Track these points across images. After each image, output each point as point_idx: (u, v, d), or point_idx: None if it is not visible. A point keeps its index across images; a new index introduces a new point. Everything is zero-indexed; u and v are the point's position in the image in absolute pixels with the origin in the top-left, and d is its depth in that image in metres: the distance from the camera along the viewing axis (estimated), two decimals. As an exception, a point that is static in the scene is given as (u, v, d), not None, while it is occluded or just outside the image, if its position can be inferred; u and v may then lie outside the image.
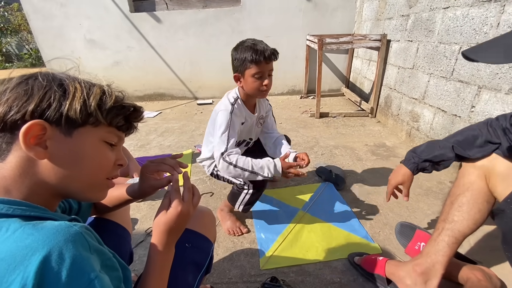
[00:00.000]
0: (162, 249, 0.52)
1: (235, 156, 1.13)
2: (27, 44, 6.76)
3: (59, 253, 0.32)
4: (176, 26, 3.43)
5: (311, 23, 3.41)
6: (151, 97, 3.86)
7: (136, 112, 0.50)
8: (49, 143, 0.40)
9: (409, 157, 0.94)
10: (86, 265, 0.34)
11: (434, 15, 1.84)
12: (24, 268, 0.30)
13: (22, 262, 0.30)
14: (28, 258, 0.30)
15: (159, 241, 0.52)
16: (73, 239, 0.34)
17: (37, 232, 0.33)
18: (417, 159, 0.91)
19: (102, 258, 0.39)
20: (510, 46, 0.44)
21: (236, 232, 1.30)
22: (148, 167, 0.60)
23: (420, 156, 0.90)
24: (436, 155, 0.87)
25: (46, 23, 3.38)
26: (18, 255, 0.30)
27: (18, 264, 0.30)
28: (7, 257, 0.30)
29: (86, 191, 0.46)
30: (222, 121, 1.17)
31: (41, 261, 0.30)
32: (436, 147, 0.88)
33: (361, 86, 3.29)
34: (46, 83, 0.40)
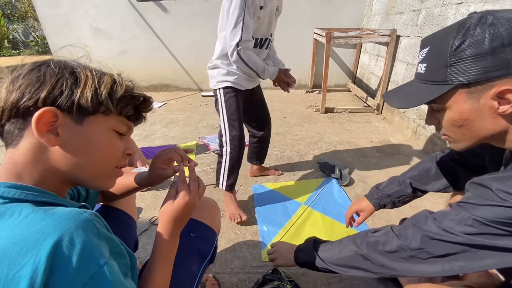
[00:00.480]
0: (168, 238, 0.53)
1: (248, 53, 1.13)
2: (33, 31, 6.76)
3: (70, 239, 0.32)
4: (183, 16, 3.40)
5: (319, 16, 3.35)
6: (156, 87, 3.85)
7: (146, 102, 0.50)
8: (60, 130, 0.40)
9: (373, 192, 0.95)
10: (96, 251, 0.34)
11: (447, 10, 1.80)
12: (36, 252, 0.30)
13: (34, 246, 0.30)
14: (40, 242, 0.31)
15: (165, 230, 0.52)
16: (83, 226, 0.34)
17: (49, 218, 0.33)
18: (380, 194, 0.91)
19: (111, 245, 0.39)
20: (404, 96, 0.59)
21: (236, 218, 1.32)
22: (160, 156, 0.62)
23: (382, 192, 0.91)
24: (396, 191, 0.88)
25: (53, 10, 3.37)
26: (31, 239, 0.31)
27: (30, 248, 0.30)
28: (20, 241, 0.31)
29: (96, 179, 0.47)
30: (236, 3, 1.03)
31: (52, 246, 0.31)
32: (396, 183, 0.90)
33: (368, 82, 3.25)
34: (58, 71, 0.40)
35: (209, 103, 3.30)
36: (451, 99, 0.50)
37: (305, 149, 2.07)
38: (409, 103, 0.56)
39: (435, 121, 0.58)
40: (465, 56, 0.46)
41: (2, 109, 0.39)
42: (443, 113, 0.54)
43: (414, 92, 0.56)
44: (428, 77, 0.53)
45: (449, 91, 0.49)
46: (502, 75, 0.44)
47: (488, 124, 0.49)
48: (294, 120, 2.66)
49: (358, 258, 0.63)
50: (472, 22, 0.46)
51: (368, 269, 0.62)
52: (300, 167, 1.84)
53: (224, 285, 1.03)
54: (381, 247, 0.59)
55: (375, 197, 0.92)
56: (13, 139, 0.40)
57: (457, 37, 0.47)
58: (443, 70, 0.49)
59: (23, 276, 0.29)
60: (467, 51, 0.46)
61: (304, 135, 2.32)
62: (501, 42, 0.43)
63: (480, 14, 0.47)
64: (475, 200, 0.47)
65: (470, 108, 0.49)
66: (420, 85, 0.55)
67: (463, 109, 0.50)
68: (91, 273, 0.33)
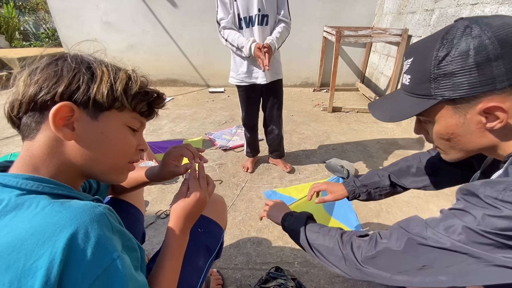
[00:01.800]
0: (179, 234, 0.54)
1: (226, 31, 1.35)
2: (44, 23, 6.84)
3: (85, 232, 0.33)
4: (192, 11, 3.40)
5: (329, 14, 3.32)
6: (163, 82, 3.87)
7: (159, 99, 0.50)
8: (76, 125, 0.41)
9: (350, 181, 0.93)
10: (109, 245, 0.35)
11: (461, 11, 1.76)
12: (53, 243, 0.31)
13: (51, 238, 0.31)
14: (57, 234, 0.32)
15: (177, 225, 0.53)
16: (98, 219, 0.35)
17: (65, 210, 0.34)
18: (357, 183, 0.90)
19: (123, 239, 0.40)
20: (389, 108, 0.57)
21: (244, 167, 1.75)
22: (172, 152, 0.62)
23: (360, 181, 0.90)
24: (374, 182, 0.88)
25: (64, 3, 3.40)
26: (48, 231, 0.32)
27: (47, 239, 0.31)
28: (37, 232, 0.32)
29: (109, 173, 0.47)
30: None
31: (68, 238, 0.31)
32: (375, 175, 0.89)
33: (376, 82, 3.21)
34: (75, 65, 0.41)
35: (216, 99, 3.30)
36: (437, 113, 0.49)
37: (311, 148, 2.07)
38: (394, 117, 0.54)
39: (423, 132, 0.57)
40: (449, 71, 0.44)
41: (19, 102, 0.39)
42: (430, 125, 0.52)
43: (399, 104, 0.55)
44: (412, 90, 0.51)
45: (434, 105, 0.48)
46: (488, 90, 0.42)
47: (476, 138, 0.48)
48: (301, 119, 2.65)
49: (337, 254, 0.61)
50: (456, 33, 0.44)
51: (343, 270, 0.60)
52: (306, 166, 1.83)
53: (228, 280, 1.04)
54: (363, 253, 0.56)
55: (351, 184, 0.91)
56: (30, 132, 0.40)
57: (441, 49, 0.45)
58: (427, 84, 0.47)
59: (39, 266, 0.30)
60: (450, 65, 0.44)
61: (311, 134, 2.31)
62: (487, 57, 0.41)
63: (466, 22, 0.44)
64: (464, 206, 0.45)
65: (456, 123, 0.48)
66: (405, 97, 0.54)
67: (449, 124, 0.49)
68: (104, 266, 0.33)
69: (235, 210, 1.42)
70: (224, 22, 1.32)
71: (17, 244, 0.31)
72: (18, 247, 0.30)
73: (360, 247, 0.57)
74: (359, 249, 0.58)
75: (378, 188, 0.88)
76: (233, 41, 1.34)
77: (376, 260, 0.54)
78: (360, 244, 0.58)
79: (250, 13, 1.33)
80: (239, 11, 1.32)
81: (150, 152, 1.77)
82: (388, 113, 0.56)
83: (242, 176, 1.72)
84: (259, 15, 1.33)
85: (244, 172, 1.75)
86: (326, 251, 0.64)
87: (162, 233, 1.24)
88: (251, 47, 1.32)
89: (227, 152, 2.02)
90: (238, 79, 1.51)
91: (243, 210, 1.42)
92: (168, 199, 1.49)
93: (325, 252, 0.64)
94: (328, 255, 0.63)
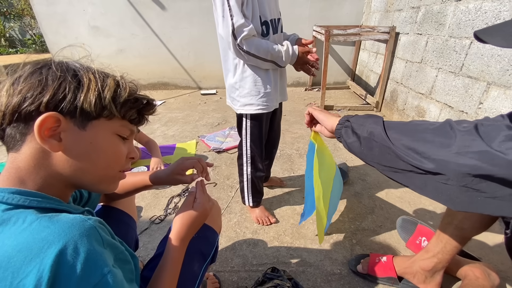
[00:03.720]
0: (182, 241, 0.56)
1: (251, 42, 0.91)
2: (30, 29, 6.71)
3: (74, 247, 0.32)
4: (181, 14, 3.38)
5: (318, 13, 3.34)
6: (154, 86, 3.84)
7: (149, 105, 0.49)
8: (63, 135, 0.39)
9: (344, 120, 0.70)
10: (100, 260, 0.34)
11: (446, 7, 1.79)
12: (41, 260, 0.30)
13: (39, 255, 0.30)
14: (45, 250, 0.31)
15: (180, 234, 0.56)
16: (87, 233, 0.34)
17: (53, 225, 0.33)
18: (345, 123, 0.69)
19: (115, 252, 0.39)
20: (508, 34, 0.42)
21: (265, 221, 1.31)
22: (184, 164, 0.66)
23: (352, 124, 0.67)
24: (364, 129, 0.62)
25: (50, 8, 3.35)
26: (35, 247, 0.31)
27: (35, 256, 0.30)
28: (24, 248, 0.31)
29: (99, 183, 0.47)
30: None
31: (57, 254, 0.31)
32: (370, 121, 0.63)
33: (367, 80, 3.24)
34: (60, 73, 0.39)
35: (208, 101, 3.29)
36: None
37: (304, 147, 2.08)
38: None
39: None
40: None
41: (3, 113, 0.38)
42: None
43: None
44: None
45: None
46: None
47: None
48: (294, 118, 2.66)
49: (440, 141, 0.48)
50: None
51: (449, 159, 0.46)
52: (299, 165, 1.84)
53: (225, 283, 1.04)
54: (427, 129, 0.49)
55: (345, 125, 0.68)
56: (15, 144, 0.39)
57: None
58: None
59: (27, 285, 0.29)
60: None
61: (304, 133, 2.32)
62: None
63: None
64: None
65: None
66: None
67: None
68: (94, 282, 0.33)
69: (230, 212, 1.42)
70: (247, 30, 0.89)
71: (3, 261, 0.30)
72: (4, 264, 0.30)
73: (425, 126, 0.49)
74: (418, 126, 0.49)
75: None
76: (266, 53, 0.96)
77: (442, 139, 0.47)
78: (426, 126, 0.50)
79: (273, 16, 1.01)
80: (261, 12, 0.95)
81: (158, 154, 1.79)
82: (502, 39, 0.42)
83: (236, 177, 1.72)
84: (279, 19, 1.07)
85: None
86: (423, 145, 0.50)
87: (157, 238, 1.23)
88: (295, 51, 1.01)
89: (220, 154, 2.01)
90: (263, 105, 1.08)
91: (238, 212, 1.41)
92: (162, 204, 1.48)
93: (422, 147, 0.50)
94: (425, 145, 0.49)
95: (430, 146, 0.50)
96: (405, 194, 1.50)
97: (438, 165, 0.48)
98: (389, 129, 0.56)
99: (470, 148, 0.45)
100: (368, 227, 1.29)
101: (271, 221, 1.31)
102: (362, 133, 0.60)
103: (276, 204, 1.47)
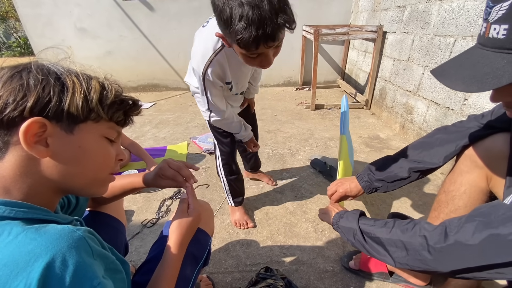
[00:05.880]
0: (179, 249, 0.57)
1: (219, 123, 1.10)
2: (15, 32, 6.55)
3: (63, 260, 0.31)
4: (170, 15, 3.35)
5: (307, 13, 3.36)
6: (145, 87, 3.80)
7: (135, 106, 0.49)
8: (50, 140, 0.38)
9: (364, 173, 0.86)
10: (89, 272, 0.33)
11: (430, 6, 1.83)
12: (27, 274, 0.29)
13: (25, 268, 0.29)
14: (31, 264, 0.30)
15: (179, 240, 0.57)
16: (76, 245, 0.33)
17: (40, 237, 0.32)
18: (371, 177, 0.84)
19: (106, 262, 0.39)
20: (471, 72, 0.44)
21: (243, 225, 1.30)
22: (168, 171, 0.65)
23: (374, 175, 0.83)
24: (390, 175, 0.80)
25: (34, 10, 3.27)
26: (21, 261, 0.30)
27: (21, 270, 0.29)
28: (10, 262, 0.30)
29: (89, 187, 0.46)
30: (200, 87, 0.95)
31: (44, 268, 0.30)
32: (392, 166, 0.80)
33: (356, 78, 3.28)
34: (42, 77, 0.38)
35: (199, 103, 3.27)
36: None
37: (296, 146, 2.09)
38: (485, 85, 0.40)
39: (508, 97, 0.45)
40: None
41: None
42: None
43: (489, 67, 0.41)
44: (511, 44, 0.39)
45: None
46: None
47: None
48: (285, 118, 2.67)
49: (398, 244, 0.57)
50: None
51: (403, 261, 0.56)
52: (291, 164, 1.85)
53: (219, 285, 1.04)
54: (430, 243, 0.51)
55: (366, 179, 0.85)
56: None
57: None
58: None
59: None
60: None
61: (295, 132, 2.33)
62: None
63: None
64: None
65: None
66: (499, 56, 0.41)
67: None
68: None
69: (223, 214, 1.41)
70: (226, 115, 1.05)
71: None
72: None
73: (427, 237, 0.53)
74: (425, 238, 0.53)
75: (397, 181, 0.81)
76: (228, 129, 1.15)
77: (444, 254, 0.49)
78: (426, 233, 0.54)
79: (243, 89, 1.16)
80: (234, 92, 1.09)
81: (149, 157, 1.79)
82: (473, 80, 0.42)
83: (229, 178, 1.72)
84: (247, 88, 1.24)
85: None
86: (385, 243, 0.60)
87: (149, 242, 1.21)
88: (246, 139, 1.21)
89: (212, 155, 2.01)
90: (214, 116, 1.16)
91: (231, 213, 1.41)
92: (154, 207, 1.46)
93: (384, 244, 0.60)
94: (388, 246, 0.59)
95: None
96: (395, 191, 1.52)
97: None
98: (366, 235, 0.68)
99: None
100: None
101: (248, 225, 1.31)
102: (349, 237, 0.74)
103: (268, 203, 1.48)
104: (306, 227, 1.30)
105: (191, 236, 0.61)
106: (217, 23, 0.71)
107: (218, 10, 0.66)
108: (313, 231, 1.28)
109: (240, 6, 0.61)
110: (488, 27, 0.42)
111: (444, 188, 0.80)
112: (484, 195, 0.72)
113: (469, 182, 0.73)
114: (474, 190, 0.73)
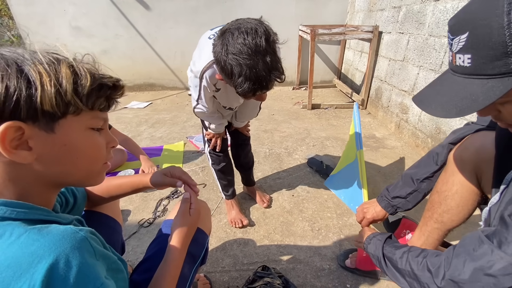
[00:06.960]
0: (182, 248, 0.58)
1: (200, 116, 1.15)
2: (8, 30, 6.46)
3: (66, 261, 0.31)
4: (166, 14, 3.33)
5: (303, 13, 3.37)
6: (141, 87, 3.78)
7: (117, 88, 0.43)
8: (31, 143, 0.35)
9: (382, 195, 0.94)
10: (92, 273, 0.33)
11: (425, 7, 1.85)
12: (31, 276, 0.29)
13: (28, 270, 0.29)
14: (35, 265, 0.29)
15: (182, 240, 0.58)
16: (79, 246, 0.33)
17: (43, 238, 0.32)
18: (388, 196, 0.90)
19: (108, 262, 0.39)
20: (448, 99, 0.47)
21: (237, 223, 1.31)
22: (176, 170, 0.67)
23: (389, 193, 0.90)
24: (402, 190, 0.87)
25: (28, 8, 3.23)
26: (24, 262, 0.29)
27: (24, 272, 0.29)
28: (13, 264, 0.29)
29: (85, 180, 0.45)
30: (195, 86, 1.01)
31: (47, 269, 0.29)
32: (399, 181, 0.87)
33: (352, 78, 3.31)
34: (1, 73, 0.32)
35: (196, 102, 3.27)
36: None
37: (293, 146, 2.10)
38: (463, 110, 0.43)
39: (493, 113, 0.47)
40: None
41: None
42: (508, 105, 0.43)
43: (462, 92, 0.44)
44: (479, 71, 0.41)
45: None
46: None
47: None
48: (282, 117, 2.68)
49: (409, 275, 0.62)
50: None
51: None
52: (288, 163, 1.86)
53: (216, 284, 1.04)
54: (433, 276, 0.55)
55: (385, 199, 0.91)
56: None
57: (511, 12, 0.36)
58: (502, 60, 0.39)
59: None
60: None
61: (292, 132, 2.34)
62: None
63: None
64: None
65: None
66: (469, 81, 0.44)
67: None
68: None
69: (220, 213, 1.42)
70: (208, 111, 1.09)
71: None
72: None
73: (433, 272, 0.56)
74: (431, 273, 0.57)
75: (410, 194, 0.87)
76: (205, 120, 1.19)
77: None
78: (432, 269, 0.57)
79: (233, 107, 1.20)
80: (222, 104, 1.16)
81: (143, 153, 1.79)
82: (451, 106, 0.45)
83: (226, 178, 1.72)
84: None
85: None
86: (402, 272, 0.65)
87: (146, 242, 1.21)
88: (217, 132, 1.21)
89: (209, 155, 2.01)
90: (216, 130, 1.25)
91: (228, 212, 1.41)
92: (151, 207, 1.46)
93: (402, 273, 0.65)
94: (405, 276, 0.64)
95: None
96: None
97: None
98: None
99: None
100: (355, 222, 1.32)
101: (243, 222, 1.31)
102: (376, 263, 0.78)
103: (265, 203, 1.48)
104: (303, 226, 1.31)
105: (192, 236, 0.62)
106: (219, 72, 0.80)
107: (221, 64, 0.75)
108: (310, 230, 1.29)
109: (240, 66, 0.71)
110: (453, 56, 0.45)
111: (437, 188, 0.81)
112: (476, 195, 0.73)
113: (460, 182, 0.74)
114: (466, 190, 0.74)
